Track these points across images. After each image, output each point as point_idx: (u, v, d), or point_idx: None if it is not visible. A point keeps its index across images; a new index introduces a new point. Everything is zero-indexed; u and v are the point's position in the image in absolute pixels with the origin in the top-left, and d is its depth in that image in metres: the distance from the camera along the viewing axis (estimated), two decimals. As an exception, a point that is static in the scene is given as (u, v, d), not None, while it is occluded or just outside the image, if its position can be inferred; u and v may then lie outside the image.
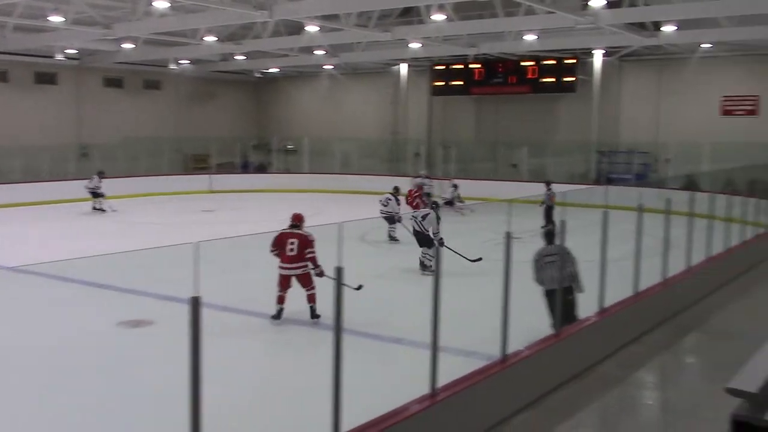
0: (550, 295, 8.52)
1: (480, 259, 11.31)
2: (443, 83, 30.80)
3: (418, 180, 23.94)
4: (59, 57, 27.99)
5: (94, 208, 23.02)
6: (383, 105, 33.59)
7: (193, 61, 31.57)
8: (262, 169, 34.53)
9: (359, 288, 9.19)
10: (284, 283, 9.94)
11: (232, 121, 36.38)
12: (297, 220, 10.15)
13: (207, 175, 30.77)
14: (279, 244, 9.89)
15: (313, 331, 9.62)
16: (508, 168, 28.85)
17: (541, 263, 8.73)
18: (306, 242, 9.75)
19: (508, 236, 7.24)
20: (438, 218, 13.09)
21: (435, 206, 13.92)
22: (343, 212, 22.34)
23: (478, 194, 23.94)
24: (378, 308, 10.59)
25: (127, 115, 31.91)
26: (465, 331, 8.96)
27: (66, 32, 22.44)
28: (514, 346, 7.26)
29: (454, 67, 30.08)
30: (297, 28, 23.81)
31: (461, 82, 30.19)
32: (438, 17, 20.09)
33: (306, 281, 9.92)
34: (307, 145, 32.53)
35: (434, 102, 32.26)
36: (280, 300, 9.93)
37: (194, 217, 22.69)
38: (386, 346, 9.22)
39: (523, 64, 28.37)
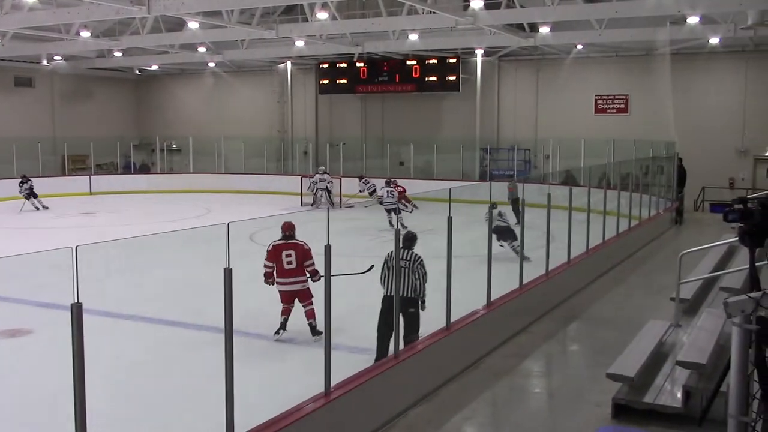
0: (386, 301, 7.91)
1: (372, 267, 10.87)
2: (329, 82, 30.80)
3: (317, 177, 24.19)
4: None
5: None
6: (269, 103, 33.24)
7: (67, 58, 30.16)
8: (144, 169, 33.47)
9: (371, 268, 8.95)
10: (288, 299, 9.28)
11: (112, 120, 34.95)
12: (289, 230, 9.31)
13: (86, 177, 29.52)
14: (276, 256, 9.15)
15: (202, 333, 9.39)
16: (396, 166, 29.18)
17: (388, 266, 7.95)
18: (305, 253, 9.09)
19: (397, 233, 7.35)
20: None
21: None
22: (231, 212, 21.95)
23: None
24: (266, 307, 10.47)
25: (-4, 114, 30.13)
26: (358, 329, 9.01)
27: (-75, 26, 20.96)
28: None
29: (340, 65, 30.14)
30: (178, 24, 23.23)
31: (347, 81, 30.28)
32: (322, 15, 20.08)
33: (305, 296, 9.25)
34: (191, 144, 31.77)
35: (321, 100, 32.21)
36: (285, 312, 9.29)
37: (73, 220, 21.71)
38: (279, 346, 9.14)
39: (407, 63, 28.76)
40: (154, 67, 33.08)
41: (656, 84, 24.90)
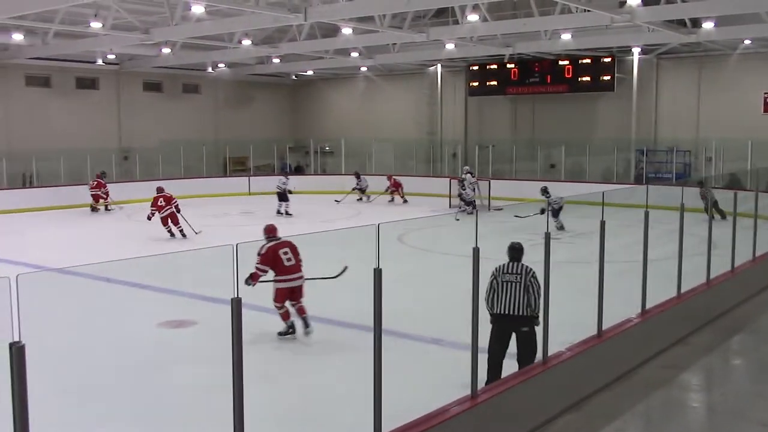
0: (498, 321, 7.28)
1: (345, 269, 10.21)
2: (479, 83, 30.69)
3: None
4: (100, 62, 28.50)
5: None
6: (419, 106, 33.56)
7: (230, 65, 31.90)
8: (299, 170, 34.74)
9: (344, 270, 9.23)
10: (291, 296, 9.41)
11: (270, 123, 36.63)
12: (273, 231, 9.64)
13: (245, 178, 31.05)
14: (273, 257, 9.21)
15: (350, 331, 9.62)
16: (547, 168, 28.62)
17: (497, 282, 7.32)
18: (296, 248, 9.27)
19: (548, 237, 7.19)
20: None
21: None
22: (381, 213, 22.37)
23: (516, 194, 23.81)
24: (417, 308, 10.57)
25: (166, 119, 32.34)
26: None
27: (106, 38, 22.82)
28: (554, 348, 7.19)
29: (490, 67, 29.94)
30: (332, 31, 23.94)
31: (497, 83, 30.05)
32: (472, 17, 20.01)
33: (301, 292, 9.43)
34: (343, 146, 32.64)
35: (470, 102, 32.14)
36: (288, 315, 9.46)
37: (233, 219, 22.89)
38: (425, 347, 9.20)
39: (560, 63, 28.14)
40: (310, 72, 34.30)
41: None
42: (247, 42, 24.38)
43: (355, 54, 27.85)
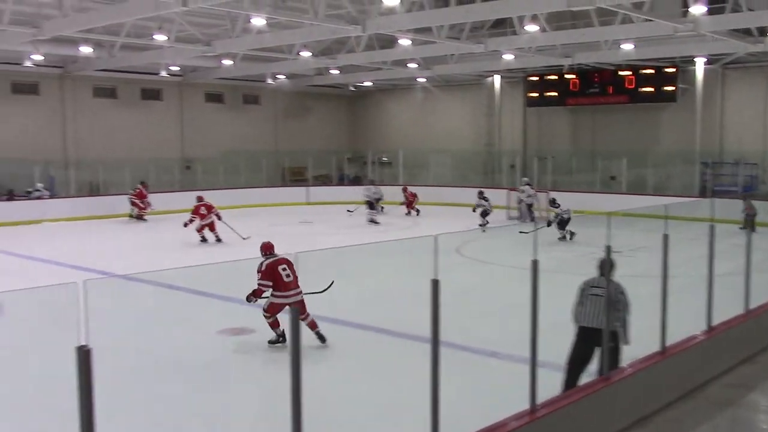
0: (581, 334, 7.17)
1: (332, 283, 10.07)
2: (538, 94, 30.43)
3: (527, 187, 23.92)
4: (163, 74, 29.22)
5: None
6: (477, 117, 33.43)
7: (289, 76, 32.34)
8: (357, 181, 34.93)
9: (330, 285, 9.23)
10: (300, 310, 9.12)
11: (328, 134, 36.98)
12: (270, 249, 9.67)
13: (304, 188, 31.36)
14: (273, 273, 9.26)
15: (406, 342, 9.58)
16: (607, 180, 28.15)
17: (584, 294, 7.21)
18: (292, 265, 9.25)
19: (608, 250, 7.05)
20: None
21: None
22: (439, 224, 22.30)
23: (575, 206, 23.43)
24: (472, 320, 10.48)
25: (227, 129, 32.93)
26: (564, 346, 8.75)
27: (169, 50, 23.43)
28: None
29: (549, 77, 29.67)
30: (390, 42, 24.07)
31: (556, 93, 29.75)
32: (531, 28, 19.85)
33: (304, 306, 9.26)
34: (401, 157, 32.70)
35: (529, 113, 31.87)
36: (277, 323, 9.45)
37: (292, 228, 23.13)
38: (483, 360, 9.11)
39: (620, 73, 27.70)
40: (368, 83, 34.52)
41: None
42: (306, 53, 24.69)
43: (412, 65, 27.93)
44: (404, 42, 22.11)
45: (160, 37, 21.00)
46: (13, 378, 8.49)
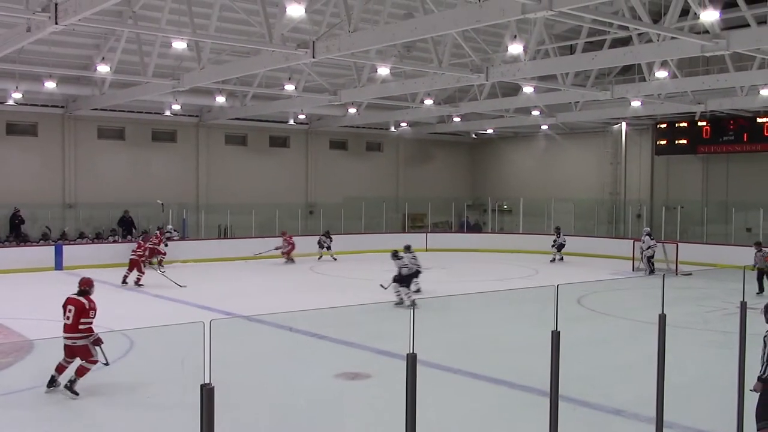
0: (765, 385, 6.69)
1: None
2: (667, 142, 29.43)
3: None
4: (291, 122, 30.35)
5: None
6: (602, 165, 32.66)
7: (411, 124, 32.82)
8: (477, 228, 34.74)
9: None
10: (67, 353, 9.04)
11: (448, 181, 37.12)
12: (86, 285, 9.29)
13: (423, 234, 31.49)
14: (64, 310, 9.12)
15: (526, 395, 9.33)
16: (741, 232, 26.67)
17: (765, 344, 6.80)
18: (83, 310, 8.93)
19: (743, 306, 6.66)
20: None
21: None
22: (559, 274, 21.79)
23: (707, 259, 22.39)
24: (596, 375, 10.10)
25: (350, 176, 33.69)
26: (693, 406, 8.28)
27: (298, 99, 24.36)
28: (751, 426, 6.57)
29: (679, 125, 28.67)
30: (513, 89, 24.02)
31: (687, 141, 28.67)
32: (661, 74, 19.31)
33: (84, 353, 8.96)
34: (521, 205, 32.31)
35: (657, 161, 30.84)
36: (61, 369, 9.02)
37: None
38: (606, 417, 8.73)
39: (758, 120, 26.40)
40: (490, 131, 34.49)
41: None
42: (429, 101, 25.02)
43: (536, 112, 27.72)
44: (528, 90, 22.00)
45: (289, 87, 21.88)
46: (136, 409, 8.87)
